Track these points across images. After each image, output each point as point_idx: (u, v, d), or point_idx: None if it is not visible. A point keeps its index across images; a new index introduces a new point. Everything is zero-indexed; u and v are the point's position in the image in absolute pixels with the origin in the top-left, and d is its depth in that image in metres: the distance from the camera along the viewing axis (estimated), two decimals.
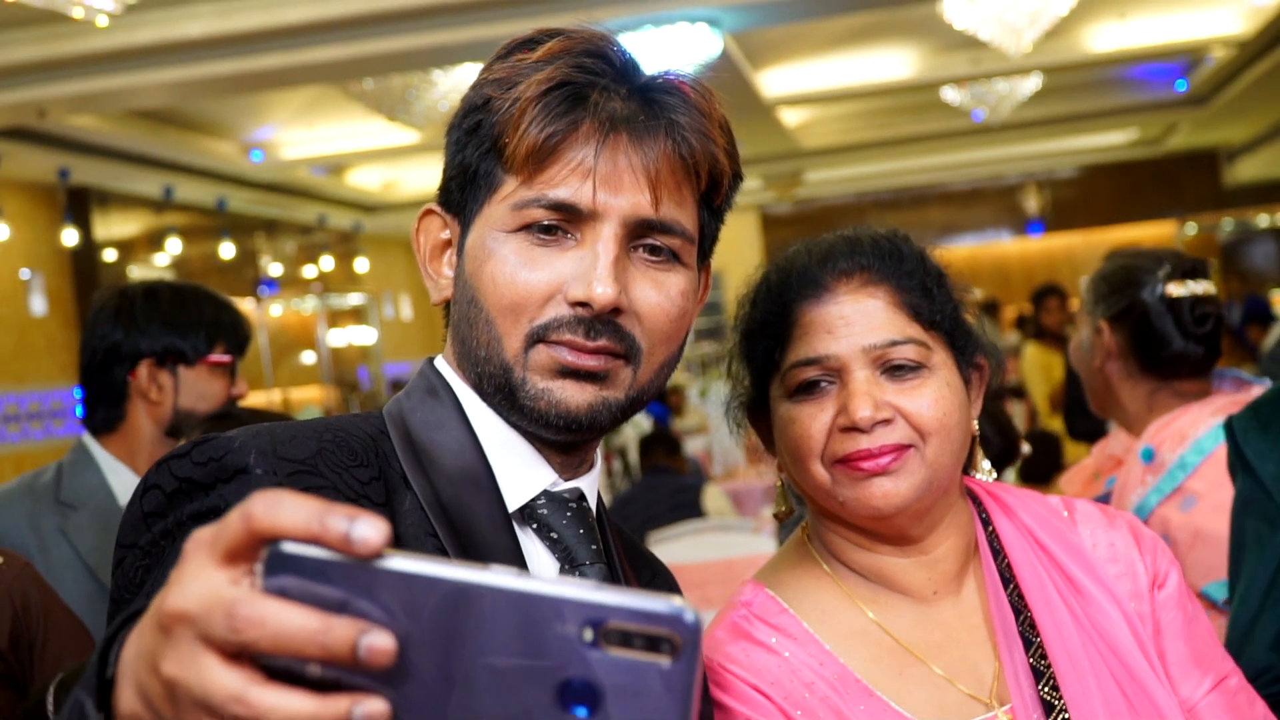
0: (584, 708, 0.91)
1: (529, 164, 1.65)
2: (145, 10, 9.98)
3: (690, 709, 0.91)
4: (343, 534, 0.91)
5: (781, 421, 2.02)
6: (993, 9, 12.05)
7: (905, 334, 1.97)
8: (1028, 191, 26.02)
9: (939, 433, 1.95)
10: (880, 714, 1.94)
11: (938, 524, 2.05)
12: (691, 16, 11.04)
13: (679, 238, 1.71)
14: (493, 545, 1.65)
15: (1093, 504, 2.21)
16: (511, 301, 1.66)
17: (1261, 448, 2.43)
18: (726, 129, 1.77)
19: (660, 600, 0.91)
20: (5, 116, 12.25)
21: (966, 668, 2.02)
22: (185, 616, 0.92)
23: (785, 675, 1.96)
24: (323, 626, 0.90)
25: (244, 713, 0.90)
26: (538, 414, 1.68)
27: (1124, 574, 2.11)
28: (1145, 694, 2.00)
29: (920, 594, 2.07)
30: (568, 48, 1.70)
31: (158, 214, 17.63)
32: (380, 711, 0.91)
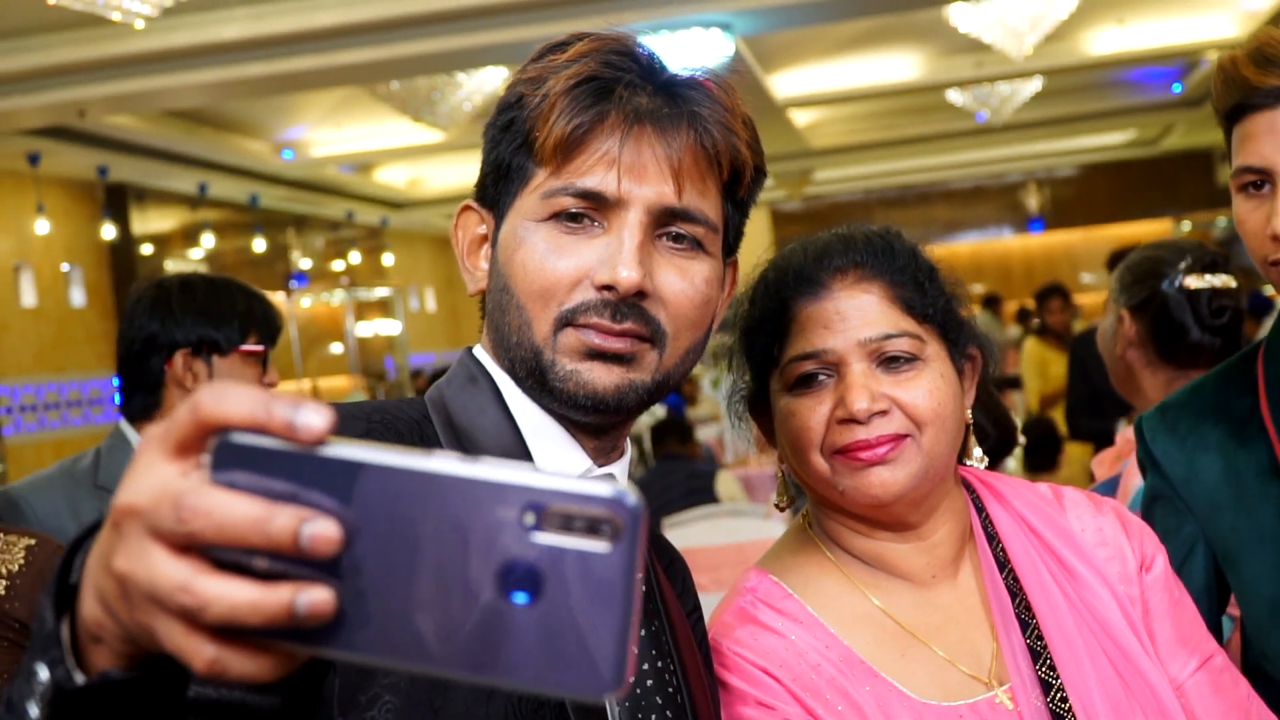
0: (524, 593, 0.89)
1: (557, 155, 1.66)
2: (181, 14, 9.98)
3: (632, 595, 0.89)
4: (286, 421, 0.89)
5: (782, 414, 2.02)
6: (996, 14, 12.03)
7: (899, 327, 1.97)
8: (1028, 190, 25.98)
9: (934, 422, 1.95)
10: (885, 694, 1.94)
11: (935, 510, 2.05)
12: (705, 21, 11.03)
13: (702, 226, 1.71)
14: None
15: (1080, 491, 2.22)
16: (541, 287, 1.67)
17: (1169, 448, 2.44)
18: (749, 124, 1.78)
19: (602, 484, 0.89)
20: (46, 116, 12.27)
21: (966, 649, 2.02)
22: (134, 510, 0.90)
23: (792, 658, 1.96)
24: (266, 515, 0.87)
25: (189, 602, 0.88)
26: (566, 395, 1.68)
27: (1113, 557, 2.11)
28: (1138, 672, 2.01)
29: (919, 578, 2.07)
30: (596, 47, 1.72)
31: (193, 210, 17.67)
32: (323, 599, 0.88)
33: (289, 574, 0.89)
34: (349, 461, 0.90)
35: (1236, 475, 2.35)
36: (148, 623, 0.91)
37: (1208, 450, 2.40)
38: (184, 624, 0.89)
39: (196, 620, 0.89)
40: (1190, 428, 2.45)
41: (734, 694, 1.93)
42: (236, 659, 0.90)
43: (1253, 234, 2.23)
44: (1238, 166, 2.24)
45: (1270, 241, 2.19)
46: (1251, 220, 2.22)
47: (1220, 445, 2.40)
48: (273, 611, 0.88)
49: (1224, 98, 2.26)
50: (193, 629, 0.89)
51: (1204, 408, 2.46)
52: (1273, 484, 2.32)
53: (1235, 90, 2.23)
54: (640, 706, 1.67)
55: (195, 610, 0.88)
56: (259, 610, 0.88)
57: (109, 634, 0.95)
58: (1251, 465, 2.35)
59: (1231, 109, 2.25)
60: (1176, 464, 2.35)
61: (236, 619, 0.88)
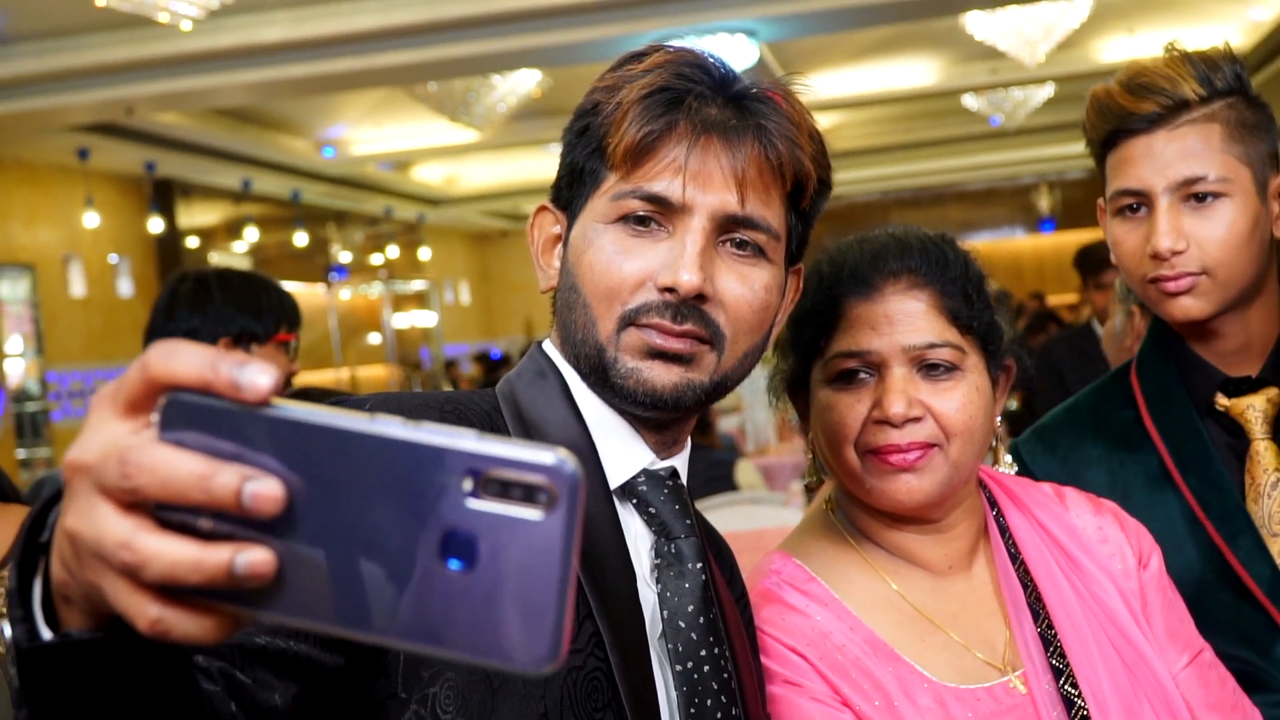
0: (461, 560, 0.85)
1: (628, 160, 1.66)
2: (226, 16, 10.02)
3: (569, 565, 0.85)
4: (231, 380, 0.86)
5: (820, 405, 2.01)
6: (1011, 22, 12.03)
7: (943, 337, 1.96)
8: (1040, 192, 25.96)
9: (963, 434, 1.95)
10: (907, 677, 1.94)
11: (956, 508, 2.05)
12: (731, 28, 11.05)
13: (764, 234, 1.70)
14: (594, 516, 1.65)
15: (1079, 491, 2.22)
16: (607, 287, 1.67)
17: (1050, 467, 2.44)
18: (817, 138, 1.78)
19: (541, 450, 0.85)
20: (95, 113, 12.34)
21: (980, 636, 2.02)
22: (83, 466, 0.88)
23: (818, 638, 1.95)
24: (209, 472, 0.84)
25: (130, 558, 0.85)
26: (627, 392, 1.68)
27: (1114, 554, 2.12)
28: (1143, 660, 2.02)
29: (937, 568, 2.06)
30: (671, 59, 1.71)
31: (236, 204, 17.75)
32: (263, 560, 0.85)
33: (233, 535, 0.86)
34: (294, 422, 0.87)
35: (1124, 486, 2.38)
36: (96, 581, 0.88)
37: (1091, 465, 2.43)
38: (128, 582, 0.87)
39: (138, 578, 0.86)
40: (1070, 446, 2.48)
41: (764, 671, 1.92)
42: (179, 619, 0.87)
43: (1130, 254, 2.33)
44: (1115, 190, 2.32)
45: (1148, 260, 2.28)
46: (1129, 241, 2.32)
47: (1103, 459, 2.44)
48: (211, 570, 0.85)
49: (1099, 126, 2.34)
50: (137, 588, 0.87)
51: (1082, 425, 2.50)
52: (1163, 489, 2.36)
53: (1111, 118, 2.31)
54: (697, 691, 1.66)
55: (136, 567, 0.85)
56: (198, 569, 0.85)
57: (74, 594, 0.93)
58: (1139, 475, 2.39)
59: (1107, 136, 2.33)
60: (1059, 480, 2.33)
61: (176, 577, 0.85)
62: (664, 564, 1.70)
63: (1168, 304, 2.30)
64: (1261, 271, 2.31)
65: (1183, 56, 2.32)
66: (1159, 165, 2.25)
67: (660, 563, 1.71)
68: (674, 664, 1.66)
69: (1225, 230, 2.24)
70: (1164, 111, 2.26)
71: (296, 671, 1.36)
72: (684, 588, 1.69)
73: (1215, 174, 2.24)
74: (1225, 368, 2.37)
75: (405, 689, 1.48)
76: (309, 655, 1.38)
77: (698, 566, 1.71)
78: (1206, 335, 2.36)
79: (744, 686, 1.74)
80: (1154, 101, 2.26)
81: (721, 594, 1.79)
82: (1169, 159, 2.25)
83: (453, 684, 1.48)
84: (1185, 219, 2.25)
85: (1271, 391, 2.35)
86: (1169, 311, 2.31)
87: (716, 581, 1.78)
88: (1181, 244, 2.24)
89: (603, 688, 1.57)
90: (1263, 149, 2.30)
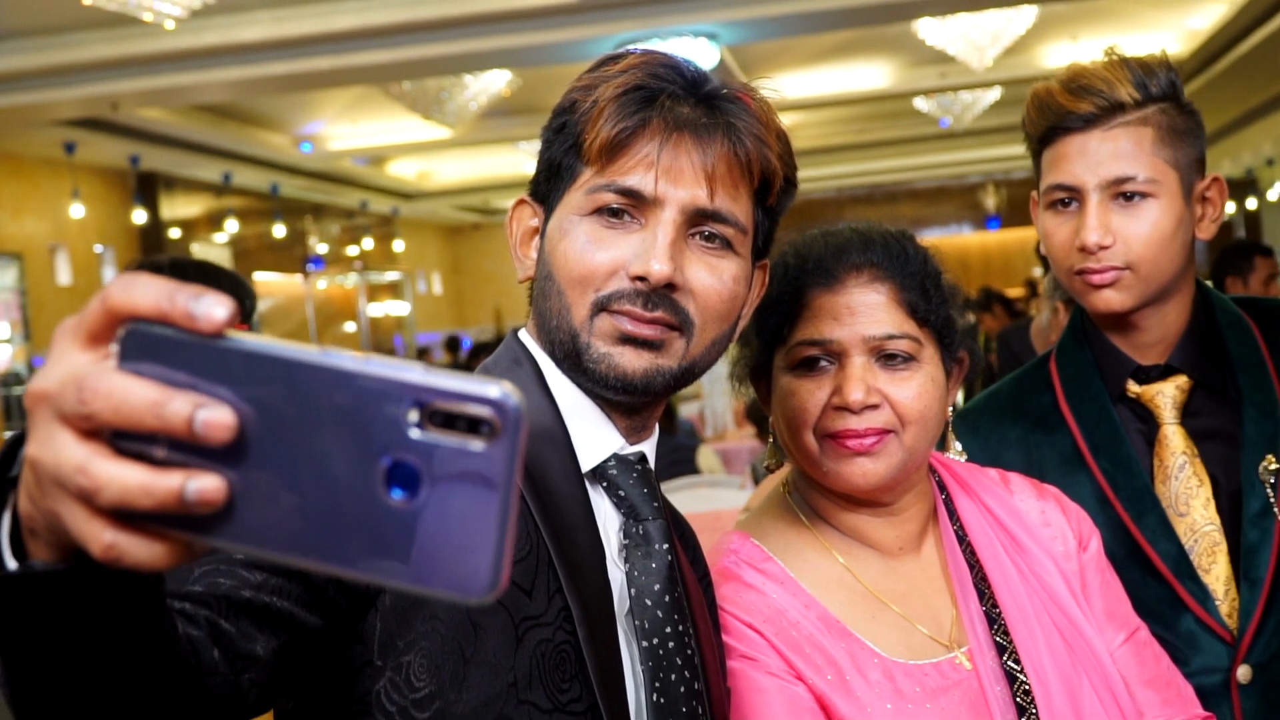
0: (405, 490, 0.84)
1: (603, 155, 1.67)
2: (208, 15, 9.96)
3: (509, 495, 0.84)
4: (187, 310, 0.85)
5: (782, 390, 2.02)
6: (960, 29, 12.06)
7: (902, 329, 1.97)
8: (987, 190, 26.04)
9: (918, 422, 1.96)
10: (858, 652, 1.95)
11: (907, 492, 2.06)
12: (694, 31, 11.05)
13: (732, 228, 1.71)
14: (566, 497, 1.66)
15: (1023, 477, 2.24)
16: (580, 274, 1.68)
17: (972, 447, 2.47)
18: (783, 138, 1.79)
19: (486, 383, 0.84)
20: (82, 108, 12.29)
21: (928, 614, 2.03)
22: (44, 395, 0.86)
23: (774, 614, 1.95)
24: (163, 398, 0.83)
25: (86, 483, 0.83)
26: (599, 376, 1.69)
27: (1056, 537, 2.14)
28: (1082, 638, 2.04)
29: (888, 549, 2.07)
30: (645, 61, 1.73)
31: (218, 197, 17.66)
32: (214, 486, 0.84)
33: (186, 465, 0.85)
34: (247, 353, 0.85)
35: (1040, 466, 2.40)
36: (55, 508, 0.87)
37: (1009, 447, 2.46)
38: (85, 508, 0.85)
39: (94, 503, 0.85)
40: (991, 428, 2.51)
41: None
42: (132, 544, 0.85)
43: (1060, 246, 2.35)
44: (1048, 185, 2.35)
45: (1077, 252, 2.30)
46: (1060, 234, 2.34)
47: (1020, 440, 2.47)
48: (163, 495, 0.83)
49: (1037, 123, 2.36)
50: (93, 513, 0.85)
51: (1002, 409, 2.54)
52: (1076, 470, 2.38)
53: (1049, 115, 2.33)
54: (662, 666, 1.67)
55: (92, 492, 0.84)
56: (150, 493, 0.83)
57: (39, 526, 0.91)
58: (1054, 456, 2.42)
59: (1045, 132, 2.35)
60: (980, 461, 2.36)
61: (129, 501, 0.84)
62: (632, 544, 1.71)
63: (1092, 295, 2.33)
64: (1181, 270, 2.34)
65: (1121, 61, 2.34)
66: (1091, 163, 2.28)
67: (628, 543, 1.71)
68: (640, 640, 1.67)
69: (1150, 229, 2.27)
70: (1099, 112, 2.28)
71: (279, 627, 1.35)
72: (651, 567, 1.70)
73: (1144, 175, 2.27)
74: (1139, 357, 2.40)
75: (381, 657, 1.48)
76: (291, 613, 1.37)
77: (664, 547, 1.71)
78: (1125, 327, 2.39)
79: (706, 662, 1.75)
80: (1091, 102, 2.28)
81: (686, 574, 1.80)
82: (1101, 158, 2.28)
83: (426, 653, 1.48)
84: (1113, 216, 2.28)
85: (1181, 379, 2.38)
86: (1092, 303, 2.35)
87: (681, 562, 1.78)
88: (1109, 239, 2.27)
89: (570, 660, 1.57)
90: (1191, 154, 2.33)
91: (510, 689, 1.52)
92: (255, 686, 1.30)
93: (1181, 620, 2.29)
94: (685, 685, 1.68)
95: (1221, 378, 2.38)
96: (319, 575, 1.40)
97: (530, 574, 1.57)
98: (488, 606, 1.53)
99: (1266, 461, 2.30)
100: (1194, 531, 2.32)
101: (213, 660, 1.24)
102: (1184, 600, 2.29)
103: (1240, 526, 2.29)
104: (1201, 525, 2.32)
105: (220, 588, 1.33)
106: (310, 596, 1.39)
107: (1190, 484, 2.34)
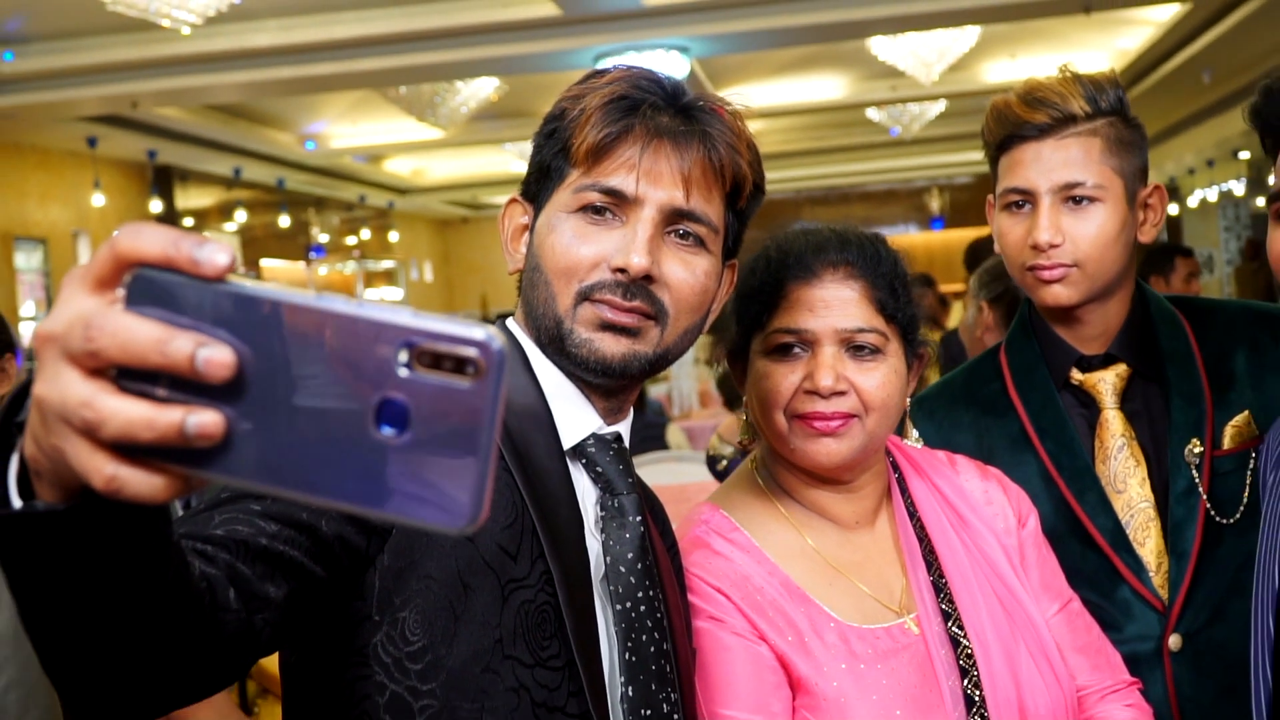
0: (394, 427, 0.83)
1: (589, 158, 1.69)
2: (222, 22, 9.91)
3: (492, 431, 0.83)
4: (191, 256, 0.83)
5: (758, 373, 2.03)
6: (909, 46, 12.08)
7: (871, 324, 1.98)
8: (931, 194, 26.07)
9: (880, 409, 1.97)
10: (816, 616, 1.96)
11: (865, 471, 2.08)
12: (667, 45, 11.06)
13: (705, 227, 1.73)
14: (549, 472, 1.66)
15: (969, 460, 2.26)
16: (566, 266, 1.69)
17: (927, 430, 2.48)
18: (753, 147, 1.81)
19: (472, 326, 0.84)
20: (104, 106, 12.23)
21: (881, 584, 2.04)
22: (52, 336, 0.84)
23: (740, 580, 1.97)
24: (166, 337, 0.82)
25: (90, 416, 0.82)
26: (580, 360, 1.69)
27: (998, 514, 2.16)
28: (1020, 607, 2.06)
29: (845, 523, 2.08)
30: (629, 75, 1.75)
31: (228, 190, 17.58)
32: (212, 421, 0.82)
33: (186, 403, 0.83)
34: (247, 296, 0.84)
35: (989, 448, 2.42)
36: (59, 445, 0.85)
37: (961, 430, 2.48)
38: (88, 442, 0.83)
39: (97, 437, 0.83)
40: (945, 413, 2.52)
41: (690, 608, 1.94)
42: (132, 476, 0.84)
43: (1013, 245, 2.37)
44: (1004, 188, 2.37)
45: (1029, 250, 2.32)
46: (1013, 234, 2.36)
47: (972, 424, 2.48)
48: (164, 428, 0.82)
49: (996, 131, 2.39)
50: (95, 447, 0.83)
51: (955, 396, 2.55)
52: (1023, 451, 2.40)
53: (1007, 124, 2.35)
54: (634, 627, 1.68)
55: (95, 425, 0.82)
56: (152, 426, 0.82)
57: (44, 467, 0.89)
58: (1003, 438, 2.43)
59: (1002, 140, 2.37)
60: (934, 444, 2.40)
61: (131, 434, 0.82)
62: (608, 517, 1.72)
63: (1041, 290, 2.34)
64: (1123, 269, 2.36)
65: (1074, 77, 2.35)
66: (1044, 169, 2.30)
67: (604, 515, 1.72)
68: (614, 604, 1.68)
69: (1096, 230, 2.29)
70: (1053, 123, 2.30)
71: (290, 575, 1.35)
72: (625, 538, 1.71)
73: (1092, 181, 2.28)
74: (1082, 347, 2.42)
75: (378, 612, 1.48)
76: (302, 563, 1.37)
77: (637, 520, 1.72)
78: (1070, 320, 2.40)
79: (674, 625, 1.76)
80: (1045, 113, 2.30)
81: (656, 544, 1.81)
82: (1054, 164, 2.30)
83: (420, 610, 1.49)
84: (1063, 217, 2.30)
85: (1120, 368, 2.40)
86: (1041, 297, 2.36)
87: (652, 533, 1.79)
88: (1059, 238, 2.29)
89: (550, 619, 1.58)
90: (1135, 164, 2.35)
91: (496, 644, 1.53)
92: (268, 626, 1.30)
93: (1118, 590, 2.31)
94: (655, 645, 1.69)
95: (1156, 368, 2.40)
96: (325, 532, 1.41)
97: (516, 540, 1.58)
98: (478, 568, 1.53)
99: (1191, 445, 2.33)
100: (1130, 508, 2.34)
101: (228, 599, 1.24)
102: (1120, 571, 2.30)
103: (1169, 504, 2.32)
104: (1137, 502, 2.34)
105: (239, 534, 1.32)
106: (317, 550, 1.39)
107: (1128, 464, 2.36)
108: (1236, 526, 2.29)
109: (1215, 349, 2.40)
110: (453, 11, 10.38)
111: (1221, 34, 12.54)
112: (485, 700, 1.51)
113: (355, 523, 1.45)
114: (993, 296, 3.99)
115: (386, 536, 1.49)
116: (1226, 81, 14.79)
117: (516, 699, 1.53)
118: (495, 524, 1.56)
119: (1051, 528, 2.28)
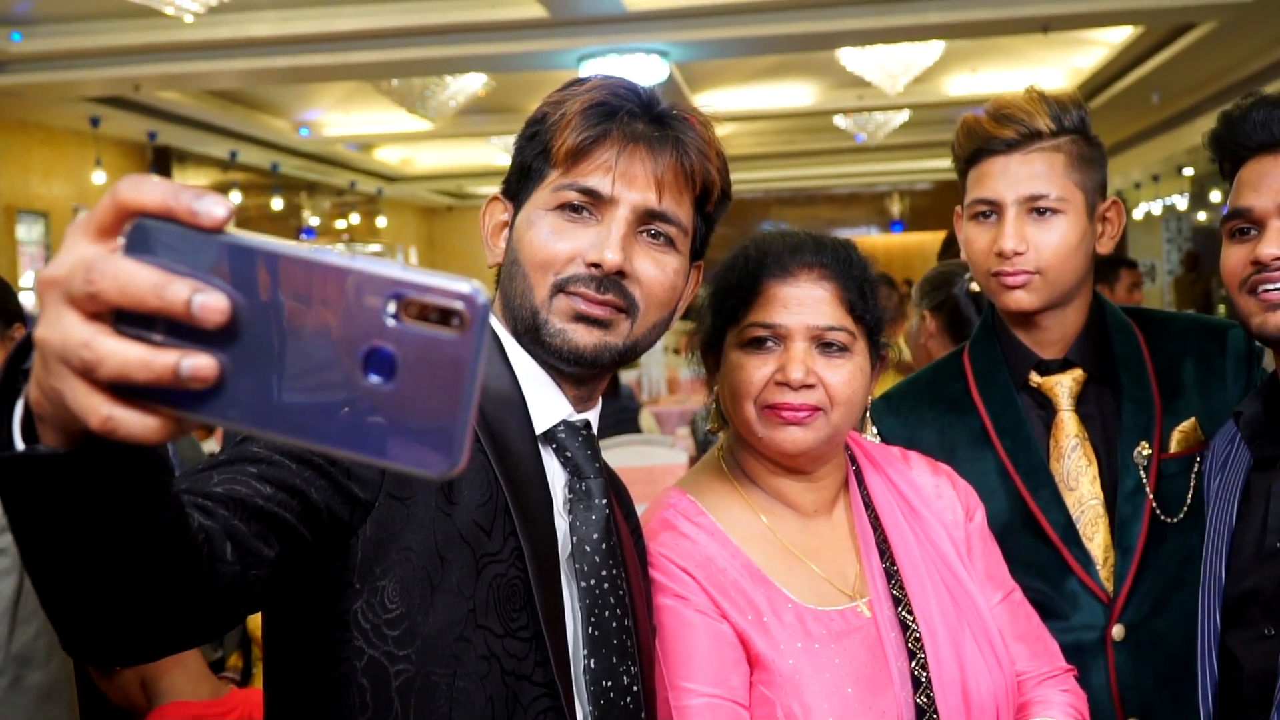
0: (381, 375, 0.83)
1: (567, 160, 1.71)
2: (223, 11, 9.86)
3: (475, 380, 0.83)
4: (190, 207, 0.83)
5: (731, 364, 2.04)
6: (876, 58, 12.11)
7: (840, 323, 1.99)
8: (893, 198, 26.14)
9: (845, 404, 1.99)
10: (774, 597, 1.97)
11: (826, 463, 2.09)
12: (647, 49, 11.07)
13: (675, 227, 1.74)
14: (522, 454, 1.66)
15: (921, 455, 2.27)
16: (543, 260, 1.70)
17: (893, 426, 2.51)
18: (722, 155, 1.82)
19: (457, 279, 0.83)
20: (107, 88, 12.17)
21: (836, 569, 2.05)
22: (54, 281, 0.84)
23: (704, 561, 1.98)
24: (164, 281, 0.81)
25: (89, 356, 0.81)
26: (554, 349, 1.70)
27: (947, 508, 2.17)
28: (966, 594, 2.07)
29: (805, 510, 2.09)
30: (607, 83, 1.77)
31: (224, 172, 17.47)
32: (206, 365, 0.82)
33: (181, 347, 0.83)
34: (243, 247, 0.83)
35: (951, 444, 2.43)
36: (59, 386, 0.84)
37: (924, 426, 2.49)
38: (86, 383, 0.83)
39: (94, 377, 0.82)
40: (910, 410, 2.53)
41: (656, 586, 1.95)
42: (128, 417, 0.83)
43: (980, 252, 2.38)
44: (972, 199, 2.38)
45: (994, 257, 2.33)
46: (980, 241, 2.37)
47: (935, 421, 2.49)
48: (160, 369, 0.81)
49: (965, 145, 2.40)
50: (93, 388, 0.83)
51: (920, 394, 2.56)
52: (982, 448, 2.42)
53: (976, 139, 2.37)
54: (598, 603, 1.69)
55: (94, 364, 0.82)
56: (149, 367, 0.81)
57: (46, 412, 0.88)
58: (964, 435, 2.44)
59: (971, 154, 2.39)
60: (899, 438, 2.42)
61: (128, 374, 0.82)
62: (575, 499, 1.73)
63: (1005, 295, 2.36)
64: (1082, 278, 2.38)
65: (1040, 96, 2.37)
66: (1010, 181, 2.32)
67: (572, 498, 1.73)
68: (579, 581, 1.69)
69: (1058, 240, 2.30)
70: (1020, 138, 2.32)
71: (282, 536, 1.35)
72: (591, 519, 1.72)
73: (1055, 194, 2.30)
74: (1041, 352, 2.43)
75: (360, 580, 1.49)
76: (294, 525, 1.37)
77: (603, 503, 1.74)
78: (1031, 326, 2.42)
79: (635, 602, 1.78)
80: (1013, 129, 2.31)
81: (620, 526, 1.83)
82: (1019, 177, 2.31)
83: (399, 579, 1.50)
84: (1028, 227, 2.31)
85: (1077, 372, 2.41)
86: (1005, 302, 2.37)
87: (616, 516, 1.81)
88: (1023, 247, 2.30)
89: (520, 593, 1.59)
90: (1095, 179, 2.37)
91: (470, 614, 1.54)
92: (259, 582, 1.29)
93: (1067, 581, 2.33)
94: (616, 621, 1.71)
95: (1110, 373, 2.42)
96: (314, 499, 1.41)
97: (490, 517, 1.58)
98: (454, 542, 1.54)
99: (1140, 447, 2.35)
100: (1081, 504, 2.36)
101: (224, 551, 1.24)
102: (1069, 564, 2.32)
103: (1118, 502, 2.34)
104: (1088, 499, 2.36)
105: (237, 494, 1.32)
106: (307, 515, 1.40)
107: (1080, 463, 2.38)
108: (1180, 525, 2.32)
109: (1165, 358, 2.42)
110: (445, 9, 10.37)
111: (1170, 57, 12.62)
112: (458, 667, 1.52)
113: (341, 493, 1.45)
114: (934, 305, 4.04)
115: (370, 508, 1.49)
116: (1174, 102, 14.88)
117: (487, 666, 1.54)
118: (471, 501, 1.57)
119: (1006, 521, 2.30)
